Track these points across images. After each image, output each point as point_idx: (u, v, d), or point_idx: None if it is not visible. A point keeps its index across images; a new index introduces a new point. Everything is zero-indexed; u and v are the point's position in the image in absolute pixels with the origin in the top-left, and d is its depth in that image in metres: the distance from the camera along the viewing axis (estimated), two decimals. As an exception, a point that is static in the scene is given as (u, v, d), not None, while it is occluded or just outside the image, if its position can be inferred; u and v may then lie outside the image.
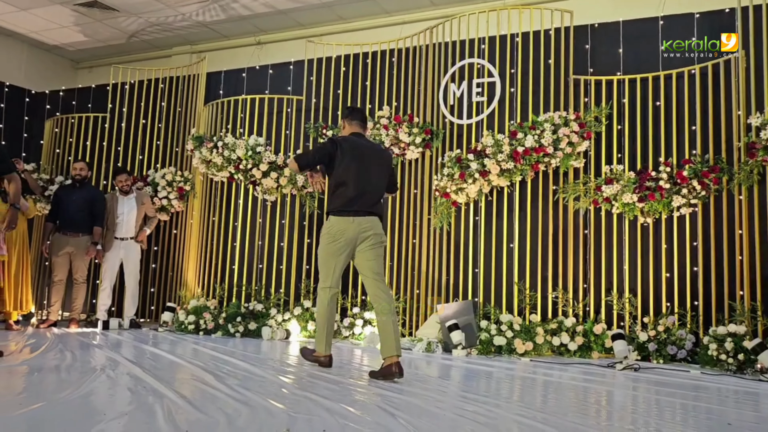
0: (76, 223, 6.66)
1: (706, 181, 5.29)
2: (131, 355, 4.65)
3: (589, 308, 5.67)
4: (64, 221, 6.67)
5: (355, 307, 6.40)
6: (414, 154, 6.35)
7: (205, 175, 7.23)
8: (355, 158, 4.05)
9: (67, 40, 9.02)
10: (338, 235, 4.02)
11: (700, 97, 5.52)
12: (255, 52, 8.42)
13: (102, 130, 7.99)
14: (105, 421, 2.53)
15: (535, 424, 2.77)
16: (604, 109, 5.78)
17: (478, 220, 6.04)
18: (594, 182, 5.71)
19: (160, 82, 8.00)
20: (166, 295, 7.56)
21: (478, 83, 6.21)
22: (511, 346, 5.34)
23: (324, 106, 6.94)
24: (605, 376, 4.41)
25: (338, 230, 4.02)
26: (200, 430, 2.45)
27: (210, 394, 3.18)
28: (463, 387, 3.83)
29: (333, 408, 2.94)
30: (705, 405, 3.43)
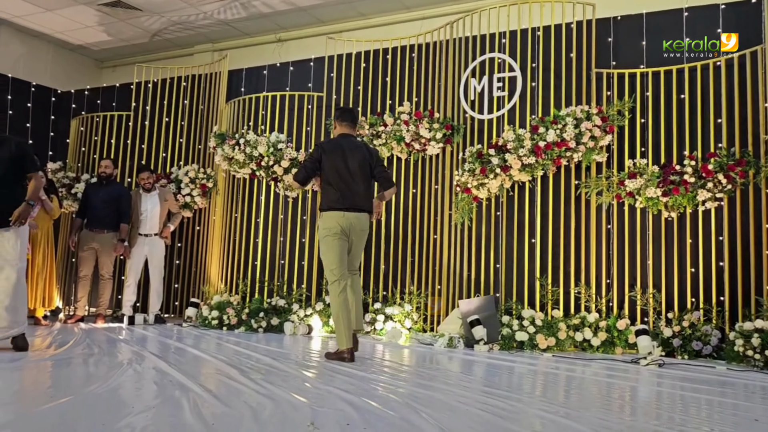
0: (102, 220, 6.77)
1: (732, 175, 5.21)
2: (156, 349, 4.72)
3: (613, 303, 5.62)
4: (91, 218, 6.79)
5: (376, 302, 6.42)
6: (435, 149, 6.34)
7: (228, 172, 7.30)
8: (338, 158, 4.45)
9: (92, 40, 9.15)
10: (334, 227, 4.40)
11: (726, 90, 5.43)
12: (276, 50, 8.47)
13: (126, 128, 8.10)
14: (133, 414, 2.58)
15: (557, 419, 2.76)
16: (627, 103, 5.72)
17: (499, 215, 6.02)
18: (617, 176, 5.65)
19: (182, 81, 8.08)
20: (189, 290, 7.66)
21: (499, 78, 6.18)
22: (534, 342, 5.32)
23: (345, 102, 6.95)
24: (629, 372, 4.37)
25: (332, 224, 4.41)
26: (226, 424, 2.48)
27: (234, 388, 3.22)
28: (486, 382, 3.83)
29: (355, 402, 2.96)
30: (731, 401, 3.39)
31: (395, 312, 6.22)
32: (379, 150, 6.51)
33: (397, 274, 6.51)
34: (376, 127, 6.49)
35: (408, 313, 6.23)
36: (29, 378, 3.53)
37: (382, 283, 6.54)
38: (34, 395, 3.07)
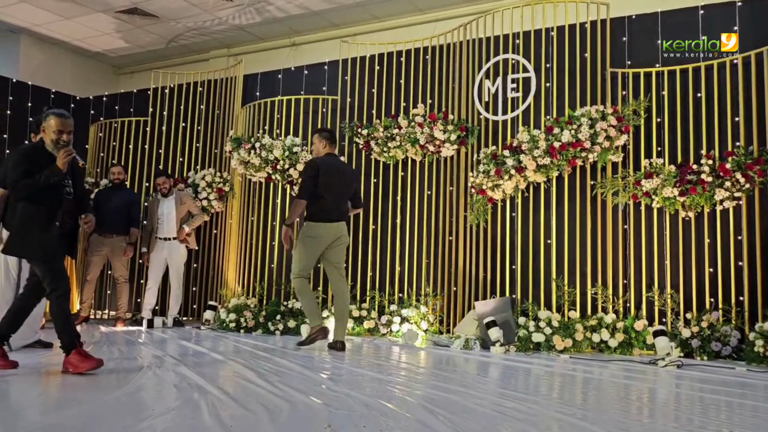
0: (113, 225, 6.88)
1: (751, 174, 5.16)
2: (175, 352, 4.78)
3: (630, 304, 5.58)
4: (101, 222, 6.87)
5: (392, 304, 6.44)
6: (449, 151, 6.34)
7: (244, 176, 7.36)
8: (330, 176, 5.14)
9: (109, 47, 9.28)
10: (319, 237, 5.12)
11: (743, 87, 5.37)
12: (290, 54, 8.53)
13: (144, 134, 8.19)
14: (153, 416, 2.62)
15: (575, 421, 2.76)
16: (642, 102, 5.68)
17: (514, 217, 6.01)
18: (633, 176, 5.62)
19: (198, 86, 8.16)
20: (207, 293, 7.73)
21: (513, 79, 6.17)
22: (550, 343, 5.30)
23: (359, 106, 6.99)
24: (647, 374, 4.34)
25: (319, 233, 5.12)
26: (244, 426, 2.52)
27: (252, 391, 3.26)
28: (502, 384, 3.83)
29: (372, 404, 2.98)
30: (751, 403, 3.36)
31: (411, 314, 6.23)
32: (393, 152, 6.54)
33: (413, 276, 6.52)
34: (391, 130, 6.51)
35: (424, 315, 6.24)
36: (51, 383, 3.59)
37: (398, 285, 6.56)
38: (57, 398, 3.13)
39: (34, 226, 3.70)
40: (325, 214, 5.12)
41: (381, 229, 6.73)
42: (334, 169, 5.22)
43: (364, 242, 6.75)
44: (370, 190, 6.74)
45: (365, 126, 6.76)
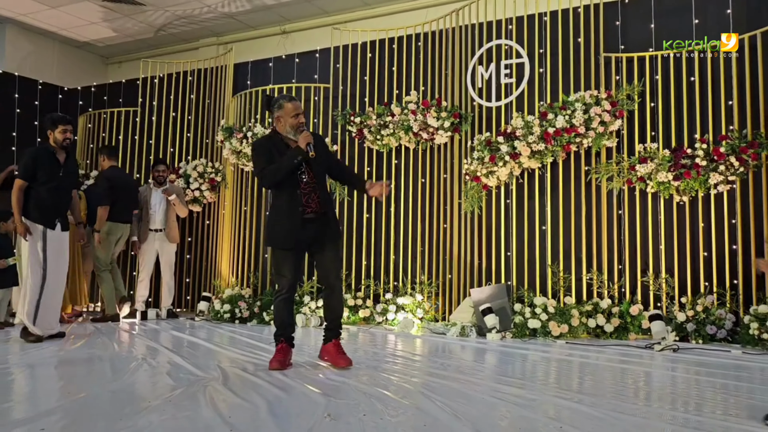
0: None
1: (745, 157, 5.16)
2: (170, 344, 4.75)
3: (625, 289, 5.59)
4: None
5: (387, 293, 6.42)
6: (443, 138, 6.31)
7: (236, 166, 7.30)
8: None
9: (97, 36, 9.15)
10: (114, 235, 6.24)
11: (737, 71, 5.36)
12: (281, 42, 8.44)
13: (134, 124, 8.11)
14: (150, 408, 2.60)
15: (572, 405, 2.76)
16: (636, 87, 5.66)
17: (509, 203, 5.99)
18: (627, 161, 5.61)
19: (188, 75, 8.08)
20: (201, 285, 7.69)
21: (506, 65, 6.14)
22: (546, 329, 5.31)
23: (351, 93, 6.93)
24: (643, 358, 4.36)
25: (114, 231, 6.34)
26: (242, 416, 2.50)
27: (250, 381, 3.24)
28: (499, 370, 3.82)
29: (371, 392, 2.96)
30: (747, 385, 3.38)
31: (406, 302, 6.22)
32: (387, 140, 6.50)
33: (407, 264, 6.51)
34: (384, 117, 6.47)
35: (419, 303, 6.23)
36: (47, 375, 3.56)
37: (393, 274, 6.54)
38: (54, 390, 3.10)
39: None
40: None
41: (375, 218, 6.70)
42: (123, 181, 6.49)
43: (358, 231, 6.73)
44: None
45: (358, 114, 6.71)
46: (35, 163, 4.80)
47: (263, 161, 3.71)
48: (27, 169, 4.79)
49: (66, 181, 4.99)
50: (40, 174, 4.80)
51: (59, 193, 4.92)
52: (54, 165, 4.88)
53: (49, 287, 4.79)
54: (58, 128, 4.88)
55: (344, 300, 3.76)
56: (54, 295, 4.88)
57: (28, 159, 4.83)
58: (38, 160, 4.82)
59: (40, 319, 4.75)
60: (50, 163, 4.87)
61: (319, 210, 3.71)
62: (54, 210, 4.88)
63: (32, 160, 4.81)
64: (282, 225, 3.69)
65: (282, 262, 3.73)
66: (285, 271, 3.72)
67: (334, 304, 3.86)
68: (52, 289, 4.83)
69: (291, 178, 3.68)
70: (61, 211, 4.97)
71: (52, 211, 4.86)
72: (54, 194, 4.87)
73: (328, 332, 3.84)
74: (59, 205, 4.94)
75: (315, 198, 3.70)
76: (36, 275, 4.73)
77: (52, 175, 4.85)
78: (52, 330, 4.88)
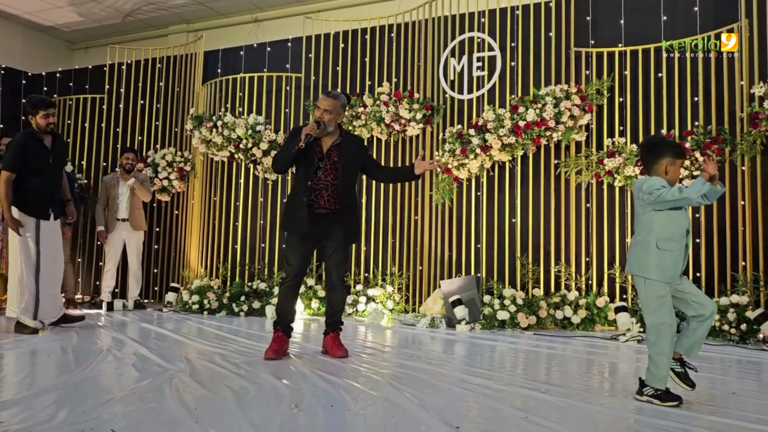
0: None
1: (709, 153, 5.26)
2: (137, 335, 4.68)
3: (592, 281, 5.68)
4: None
5: (358, 284, 6.42)
6: (415, 130, 6.31)
7: (206, 155, 7.20)
8: None
9: (62, 21, 8.91)
10: None
11: (703, 68, 5.46)
12: (252, 30, 8.33)
13: (100, 112, 7.94)
14: (114, 400, 2.55)
15: (539, 396, 2.79)
16: (605, 82, 5.73)
17: (480, 196, 6.03)
18: (596, 155, 5.68)
19: (157, 62, 7.92)
20: (169, 275, 7.58)
21: (478, 57, 6.15)
22: (515, 321, 5.36)
23: (323, 83, 6.88)
24: (608, 349, 4.43)
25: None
26: (208, 408, 2.47)
27: (217, 373, 3.21)
28: (468, 361, 3.85)
29: (339, 384, 2.96)
30: (708, 375, 3.46)
31: (377, 294, 6.22)
32: (358, 131, 6.49)
33: (378, 255, 6.51)
34: (356, 108, 6.44)
35: (390, 295, 6.24)
36: (8, 366, 3.48)
37: (364, 265, 6.54)
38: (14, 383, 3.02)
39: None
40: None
41: (346, 209, 6.67)
42: None
43: (329, 222, 6.69)
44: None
45: (330, 104, 6.65)
46: (24, 153, 4.56)
47: (283, 147, 3.93)
48: (16, 159, 4.55)
49: (56, 167, 4.81)
50: (30, 163, 4.59)
51: (51, 180, 4.74)
52: (42, 152, 4.68)
53: (45, 278, 4.68)
54: (39, 113, 4.65)
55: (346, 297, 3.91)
56: (51, 285, 4.78)
57: (16, 149, 4.57)
58: (26, 149, 4.58)
59: (41, 311, 4.68)
60: (38, 150, 4.65)
61: (331, 207, 3.78)
62: (48, 200, 4.71)
63: (21, 150, 4.56)
64: (292, 212, 3.82)
65: (290, 250, 3.83)
66: (292, 259, 3.81)
67: (334, 302, 3.94)
68: (49, 279, 4.73)
69: (305, 171, 3.80)
70: (55, 198, 4.80)
71: (46, 201, 4.70)
72: (46, 183, 4.69)
73: (328, 326, 3.95)
74: (53, 194, 4.77)
75: (326, 195, 3.78)
76: (30, 271, 4.60)
77: (42, 163, 4.67)
78: (53, 318, 4.83)
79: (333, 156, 3.81)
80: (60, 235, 4.97)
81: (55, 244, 4.84)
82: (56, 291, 4.92)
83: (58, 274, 4.91)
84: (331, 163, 3.80)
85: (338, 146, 3.85)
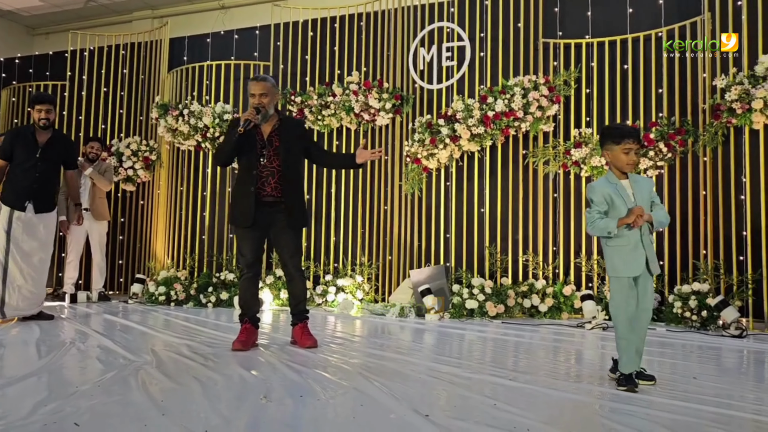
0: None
1: (672, 144, 5.37)
2: (101, 327, 4.59)
3: (559, 270, 5.76)
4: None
5: (327, 274, 6.40)
6: (384, 120, 6.30)
7: (172, 144, 7.08)
8: None
9: (21, 5, 8.65)
10: None
11: (667, 60, 5.56)
12: (219, 17, 8.20)
13: (62, 99, 7.73)
14: (78, 394, 2.50)
15: (507, 383, 2.82)
16: (573, 73, 5.80)
17: (449, 186, 6.05)
18: (563, 146, 5.75)
19: (121, 49, 7.75)
20: (134, 267, 7.46)
21: (447, 47, 6.16)
22: (483, 309, 5.41)
23: (292, 72, 6.81)
24: (575, 336, 4.51)
25: None
26: (175, 400, 2.44)
27: (184, 364, 3.16)
28: (437, 350, 3.88)
29: (309, 374, 2.95)
30: (670, 361, 3.54)
31: (346, 283, 6.22)
32: (328, 121, 6.45)
33: (348, 245, 6.49)
34: (325, 98, 6.39)
35: (359, 285, 6.24)
36: (-36, 360, 3.38)
37: (333, 255, 6.52)
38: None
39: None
40: None
41: (315, 199, 6.65)
42: None
43: (298, 212, 6.65)
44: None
45: (299, 93, 6.61)
46: (12, 143, 4.76)
47: (224, 138, 3.85)
48: (4, 148, 4.78)
49: (45, 163, 4.82)
50: (15, 154, 4.74)
51: (34, 174, 4.77)
52: (30, 145, 4.78)
53: (14, 271, 4.67)
54: (35, 108, 4.82)
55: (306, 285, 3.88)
56: (24, 279, 4.72)
57: (7, 137, 4.85)
58: (15, 140, 4.78)
59: (7, 305, 4.67)
60: (27, 143, 4.78)
61: (277, 195, 3.73)
62: (25, 191, 4.74)
63: (10, 139, 4.82)
64: (239, 204, 3.75)
65: (241, 241, 3.79)
66: (244, 250, 3.77)
67: (296, 292, 3.90)
68: (20, 272, 4.69)
69: (248, 159, 3.73)
70: (36, 193, 4.78)
71: (23, 192, 4.73)
72: (27, 175, 4.75)
73: (294, 317, 3.92)
74: (33, 187, 4.76)
75: (272, 182, 3.72)
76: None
77: (27, 156, 4.75)
78: (22, 313, 4.76)
79: (275, 141, 3.75)
80: (42, 231, 4.84)
81: (33, 239, 4.78)
82: (30, 287, 4.80)
83: (35, 271, 4.81)
84: (274, 149, 3.73)
85: (278, 130, 3.78)
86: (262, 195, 3.71)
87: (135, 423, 2.14)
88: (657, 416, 2.31)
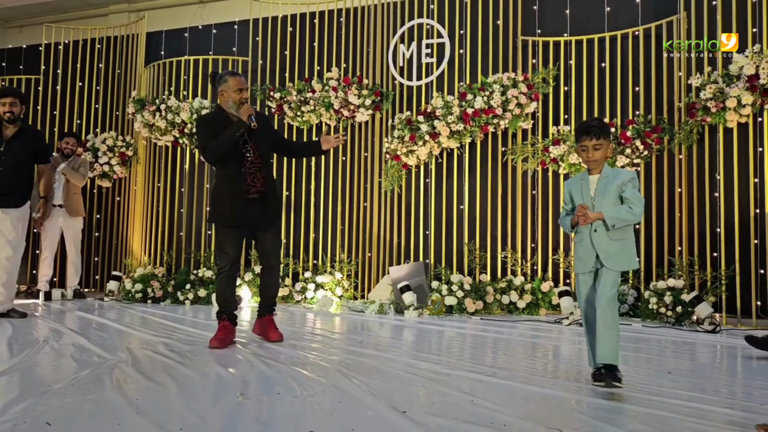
0: None
1: (649, 141, 5.43)
2: (76, 325, 4.52)
3: (537, 267, 5.80)
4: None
5: (306, 271, 6.38)
6: (364, 116, 6.28)
7: (149, 140, 6.99)
8: None
9: (-7, -3, 8.46)
10: None
11: (644, 59, 5.62)
12: (197, 11, 8.10)
13: (36, 93, 7.60)
14: (50, 392, 2.46)
15: (486, 379, 2.83)
16: (551, 71, 5.83)
17: (428, 182, 6.06)
18: (542, 143, 5.79)
19: (96, 42, 7.63)
20: (110, 263, 7.36)
21: (427, 44, 6.16)
22: (462, 306, 5.43)
23: (271, 68, 6.77)
24: (552, 332, 4.54)
25: None
26: (151, 399, 2.40)
27: (160, 362, 3.13)
28: (416, 346, 3.88)
29: (287, 371, 2.93)
30: (645, 356, 3.58)
31: (326, 280, 6.20)
32: (307, 117, 6.42)
33: (327, 242, 6.47)
34: (304, 94, 6.36)
35: (339, 281, 6.22)
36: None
37: (312, 252, 6.50)
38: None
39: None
40: None
41: (295, 196, 6.62)
42: None
43: (277, 209, 6.61)
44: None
45: (278, 89, 6.57)
46: None
47: (207, 136, 3.66)
48: None
49: (9, 157, 4.71)
50: None
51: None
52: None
53: None
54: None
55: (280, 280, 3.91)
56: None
57: None
58: None
59: None
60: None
61: (263, 190, 3.72)
62: None
63: None
64: (226, 202, 3.67)
65: (224, 239, 3.73)
66: (228, 248, 3.71)
67: (271, 283, 3.91)
68: None
69: (235, 156, 3.66)
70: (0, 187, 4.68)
71: None
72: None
73: (263, 309, 3.91)
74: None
75: (260, 177, 3.71)
76: None
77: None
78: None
79: (254, 136, 3.71)
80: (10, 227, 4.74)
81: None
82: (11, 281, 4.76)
83: (3, 268, 4.72)
84: (254, 144, 3.70)
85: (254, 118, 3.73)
86: (251, 192, 3.67)
87: (109, 422, 2.11)
88: (632, 411, 2.33)
